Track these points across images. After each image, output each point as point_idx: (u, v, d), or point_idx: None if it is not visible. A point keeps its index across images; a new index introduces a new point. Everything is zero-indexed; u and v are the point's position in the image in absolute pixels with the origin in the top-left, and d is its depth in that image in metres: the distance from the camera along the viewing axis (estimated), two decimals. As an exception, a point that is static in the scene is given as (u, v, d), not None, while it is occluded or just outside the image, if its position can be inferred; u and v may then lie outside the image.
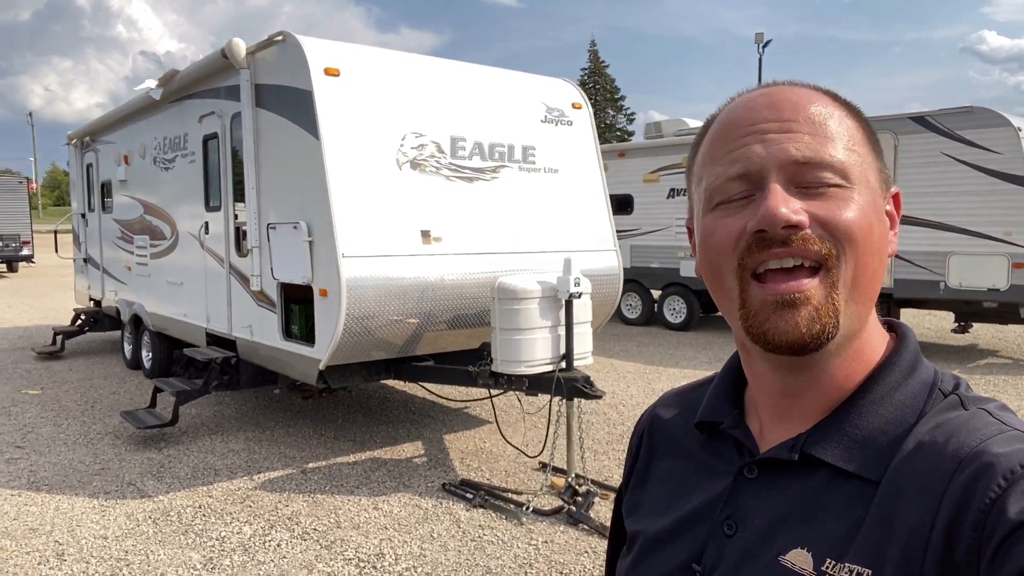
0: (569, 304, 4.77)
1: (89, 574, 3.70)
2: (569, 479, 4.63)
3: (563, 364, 4.79)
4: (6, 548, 3.96)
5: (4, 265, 22.37)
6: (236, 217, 6.14)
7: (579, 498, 4.47)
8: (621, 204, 11.73)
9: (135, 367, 8.40)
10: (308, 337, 5.16)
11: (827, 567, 0.64)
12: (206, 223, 6.51)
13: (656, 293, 11.80)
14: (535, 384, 4.80)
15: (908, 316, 10.99)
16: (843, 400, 0.70)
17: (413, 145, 5.16)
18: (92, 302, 10.12)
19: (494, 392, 5.29)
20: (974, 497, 0.58)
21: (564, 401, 4.75)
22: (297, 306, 5.35)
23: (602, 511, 4.41)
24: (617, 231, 6.26)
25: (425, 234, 5.09)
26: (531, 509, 4.38)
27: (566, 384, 4.65)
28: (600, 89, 64.98)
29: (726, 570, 0.71)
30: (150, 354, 7.96)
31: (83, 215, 10.20)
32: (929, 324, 11.50)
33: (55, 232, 12.80)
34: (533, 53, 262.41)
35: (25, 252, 21.89)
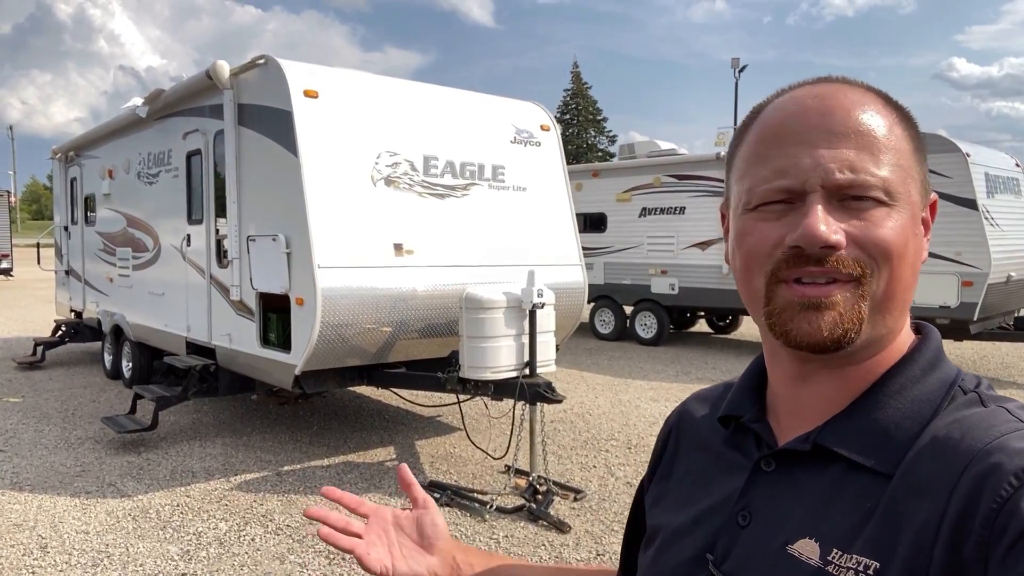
0: (533, 314, 5.06)
1: (72, 565, 3.90)
2: (531, 479, 4.89)
3: (527, 371, 5.07)
4: (-9, 541, 4.16)
5: (-17, 278, 22.37)
6: (217, 231, 6.39)
7: (539, 496, 4.74)
8: (595, 222, 12.10)
9: (115, 377, 8.56)
10: (285, 344, 5.40)
11: (833, 557, 0.64)
12: (188, 236, 6.75)
13: (628, 309, 12.13)
14: (500, 389, 5.08)
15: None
16: (861, 394, 0.71)
17: (388, 163, 5.45)
18: (73, 313, 10.26)
19: (462, 397, 5.55)
20: (984, 494, 0.58)
21: (528, 405, 5.02)
22: (274, 315, 5.59)
23: (561, 509, 4.67)
24: (591, 249, 6.58)
25: (398, 247, 5.36)
26: (494, 507, 4.63)
27: (529, 389, 4.93)
28: (582, 110, 65.80)
29: (737, 559, 0.72)
30: (130, 364, 8.12)
31: (66, 228, 10.36)
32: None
33: (38, 245, 12.92)
34: (517, 74, 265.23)
35: (4, 265, 21.91)
